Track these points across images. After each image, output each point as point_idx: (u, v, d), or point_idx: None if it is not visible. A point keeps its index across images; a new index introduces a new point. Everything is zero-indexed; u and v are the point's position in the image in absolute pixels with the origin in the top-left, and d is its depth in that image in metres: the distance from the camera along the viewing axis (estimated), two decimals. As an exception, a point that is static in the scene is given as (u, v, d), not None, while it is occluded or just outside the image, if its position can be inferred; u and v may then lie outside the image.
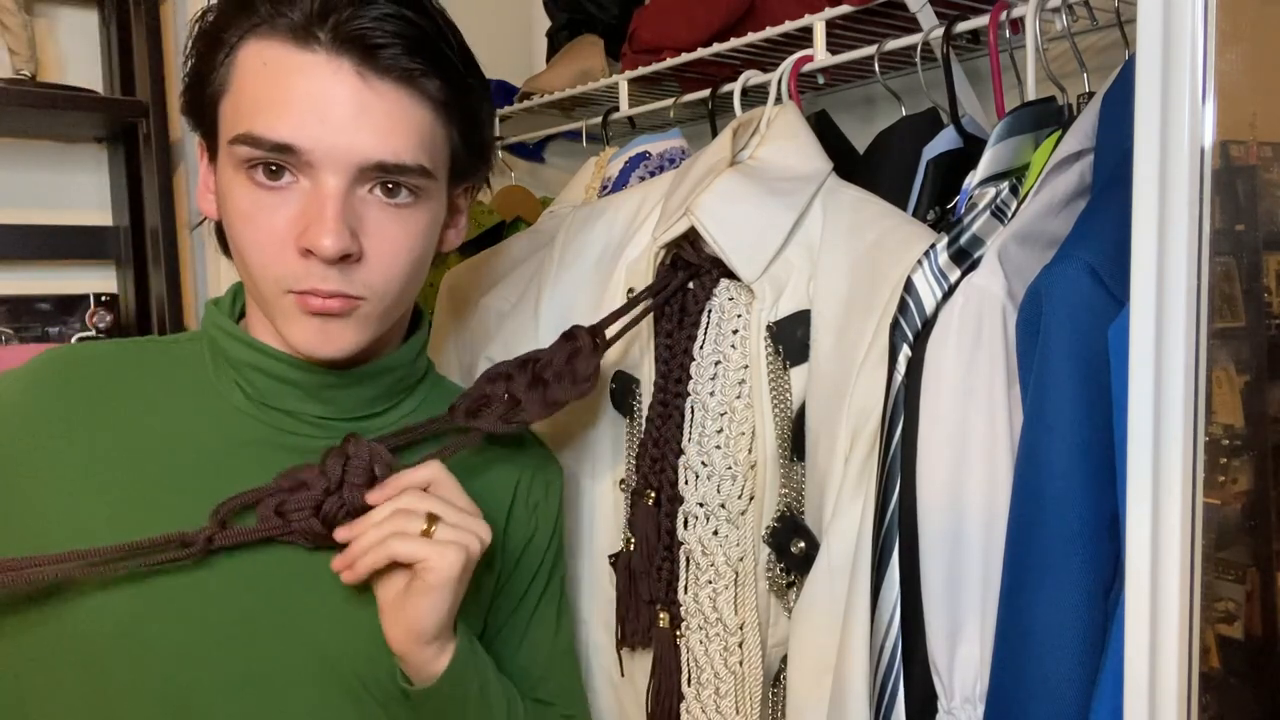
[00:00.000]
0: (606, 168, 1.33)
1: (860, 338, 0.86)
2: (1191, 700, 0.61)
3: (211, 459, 0.74)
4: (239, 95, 0.69)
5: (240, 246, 0.71)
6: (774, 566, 0.93)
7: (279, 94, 0.67)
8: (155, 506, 0.72)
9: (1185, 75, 0.58)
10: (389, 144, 0.69)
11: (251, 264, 0.70)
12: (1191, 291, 0.59)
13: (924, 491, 0.78)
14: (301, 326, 0.71)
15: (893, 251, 0.88)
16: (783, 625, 0.94)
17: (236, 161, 0.69)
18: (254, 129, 0.67)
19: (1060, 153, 0.83)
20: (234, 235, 0.71)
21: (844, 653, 0.81)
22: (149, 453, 0.74)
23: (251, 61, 0.69)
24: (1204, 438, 0.60)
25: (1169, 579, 0.61)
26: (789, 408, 0.92)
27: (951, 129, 1.01)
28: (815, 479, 0.90)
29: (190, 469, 0.74)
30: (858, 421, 0.85)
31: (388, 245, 0.71)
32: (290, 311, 0.70)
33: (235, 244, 0.72)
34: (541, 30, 1.71)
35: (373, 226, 0.70)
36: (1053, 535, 0.71)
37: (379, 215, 0.71)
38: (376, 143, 0.68)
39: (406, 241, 0.72)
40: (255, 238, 0.69)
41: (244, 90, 0.69)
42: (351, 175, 0.68)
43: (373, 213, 0.70)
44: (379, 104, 0.68)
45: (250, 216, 0.69)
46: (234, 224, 0.71)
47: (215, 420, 0.76)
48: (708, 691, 0.95)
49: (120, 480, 0.72)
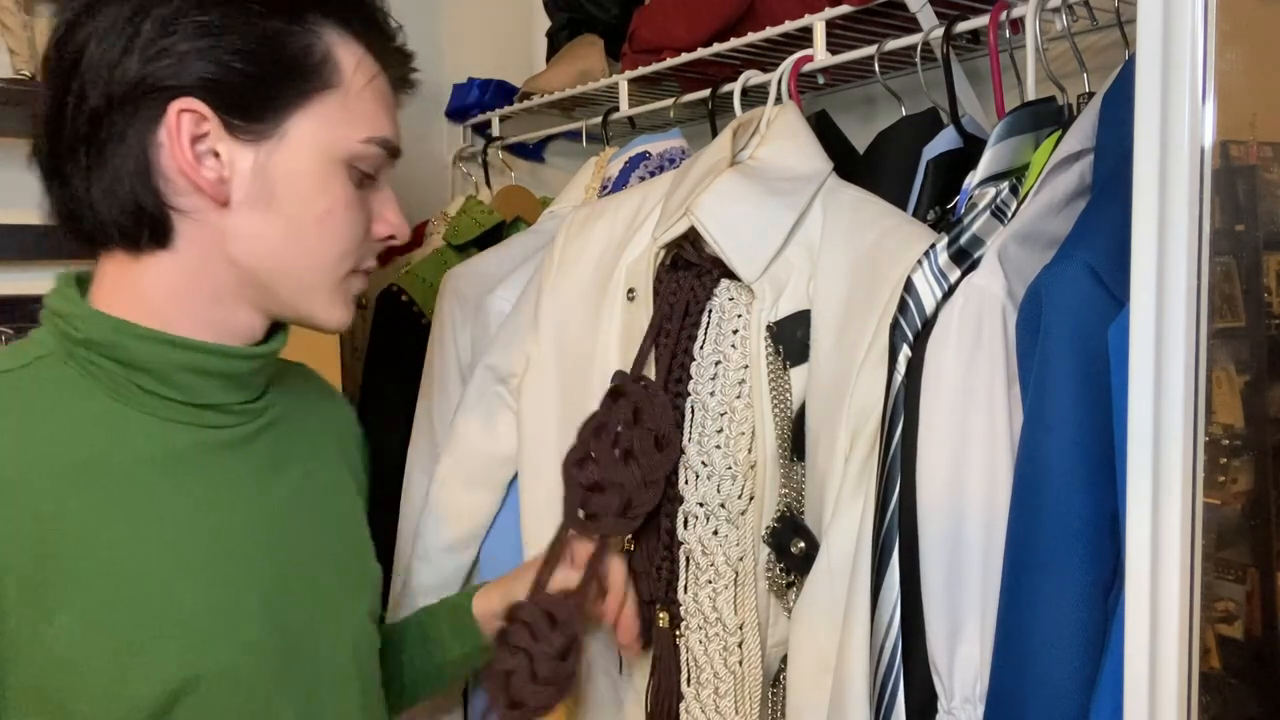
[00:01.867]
0: (606, 168, 1.33)
1: (860, 338, 0.87)
2: (1191, 700, 0.61)
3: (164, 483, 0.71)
4: (358, 103, 0.74)
5: (331, 235, 0.75)
6: (773, 567, 0.92)
7: (389, 102, 0.78)
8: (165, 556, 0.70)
9: (1185, 75, 0.58)
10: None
11: (335, 249, 0.76)
12: (1191, 291, 0.59)
13: (924, 491, 0.78)
14: (349, 304, 0.79)
15: (893, 252, 0.88)
16: (782, 625, 0.94)
17: (350, 160, 0.74)
18: (388, 135, 0.77)
19: (1060, 153, 0.83)
20: (321, 224, 0.74)
21: (844, 653, 0.81)
22: (98, 516, 0.68)
23: (356, 65, 0.74)
24: (1204, 438, 0.60)
25: (1169, 579, 0.61)
26: (789, 408, 0.92)
27: (951, 129, 1.01)
28: (815, 479, 0.90)
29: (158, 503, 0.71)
30: (858, 421, 0.85)
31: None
32: (349, 290, 0.78)
33: (308, 230, 0.74)
34: (541, 30, 1.71)
35: None
36: (1052, 534, 0.71)
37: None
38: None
39: None
40: (349, 227, 0.76)
41: (364, 98, 0.75)
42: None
43: None
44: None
45: (352, 209, 0.76)
46: (329, 212, 0.74)
47: (133, 440, 0.71)
48: (707, 691, 0.95)
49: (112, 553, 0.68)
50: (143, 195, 0.70)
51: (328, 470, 0.86)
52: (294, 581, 0.77)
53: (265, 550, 0.76)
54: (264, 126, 0.71)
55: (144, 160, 0.70)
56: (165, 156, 0.70)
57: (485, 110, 1.69)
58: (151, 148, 0.70)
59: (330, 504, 0.85)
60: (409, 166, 1.69)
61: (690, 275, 0.98)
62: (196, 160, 0.70)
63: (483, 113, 1.69)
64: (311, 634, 0.78)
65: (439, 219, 1.56)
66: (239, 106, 0.70)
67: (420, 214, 1.64)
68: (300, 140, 0.72)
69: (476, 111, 1.70)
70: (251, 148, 0.71)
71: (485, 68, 1.74)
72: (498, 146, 1.66)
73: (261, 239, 0.73)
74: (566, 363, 1.07)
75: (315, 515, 0.82)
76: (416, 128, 1.72)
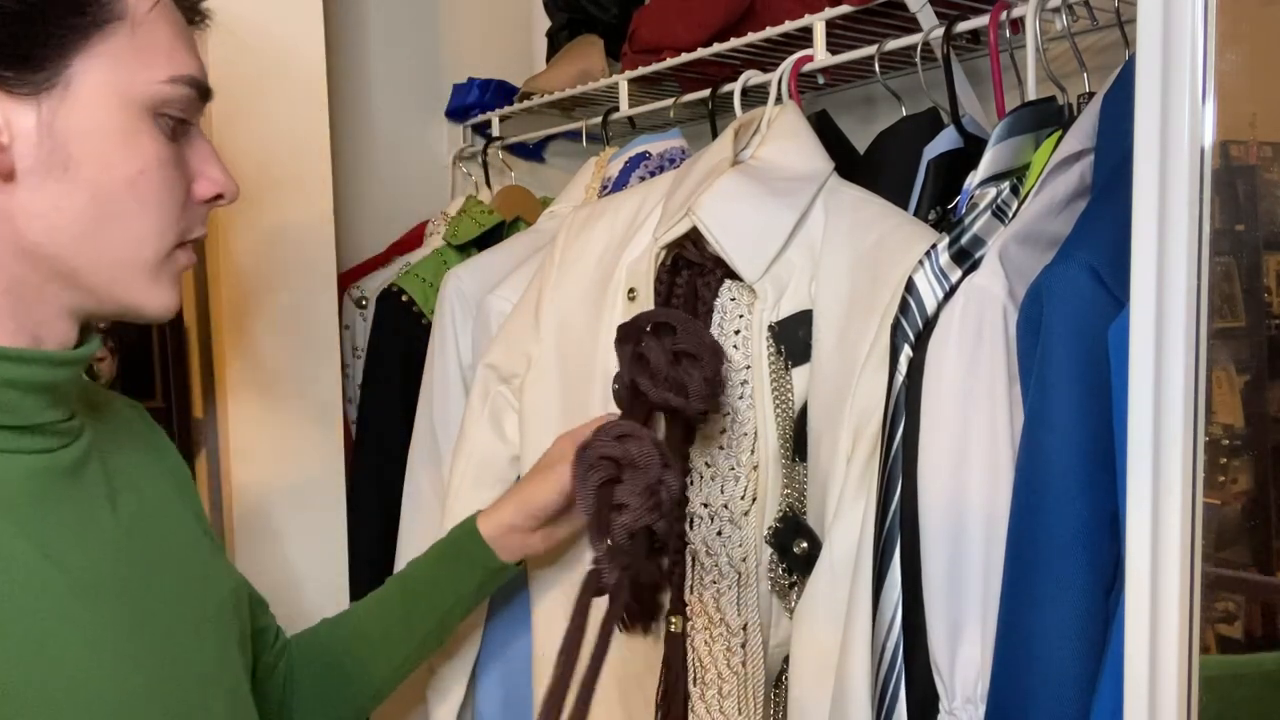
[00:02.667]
0: (606, 168, 1.33)
1: (862, 338, 0.87)
2: (1191, 700, 0.61)
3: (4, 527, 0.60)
4: (144, 31, 0.63)
5: (147, 202, 0.63)
6: (776, 567, 0.93)
7: (184, 31, 0.66)
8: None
9: (1185, 75, 0.58)
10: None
11: (154, 220, 0.64)
12: (1191, 291, 0.59)
13: (925, 491, 0.78)
14: (176, 285, 0.68)
15: (894, 251, 0.88)
16: (784, 626, 0.94)
17: (155, 105, 0.63)
18: (194, 71, 0.65)
19: (1060, 153, 0.83)
20: (133, 189, 0.63)
21: (845, 653, 0.81)
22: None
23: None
24: (1204, 438, 0.60)
25: (1169, 579, 0.61)
26: (791, 408, 0.92)
27: (952, 129, 1.01)
28: (818, 479, 0.90)
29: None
30: (860, 421, 0.85)
31: None
32: (176, 267, 0.67)
33: (130, 200, 0.63)
34: (541, 30, 1.71)
35: None
36: (1054, 534, 0.71)
37: None
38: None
39: None
40: (171, 193, 0.65)
41: (146, 22, 0.63)
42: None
43: None
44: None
45: (166, 165, 0.64)
46: (141, 174, 0.63)
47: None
48: (711, 692, 0.95)
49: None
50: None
51: (155, 484, 0.76)
52: (155, 613, 0.68)
53: (123, 584, 0.66)
54: (42, 75, 0.59)
55: None
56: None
57: (485, 110, 1.69)
58: None
59: (170, 525, 0.75)
60: (409, 166, 1.70)
61: (692, 275, 0.98)
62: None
63: (483, 113, 1.69)
64: (180, 667, 0.68)
65: (439, 219, 1.56)
66: (7, 55, 0.58)
67: (420, 214, 1.64)
68: (90, 88, 0.61)
69: (476, 111, 1.70)
70: (32, 103, 0.59)
71: (485, 68, 1.74)
72: (498, 146, 1.66)
73: (60, 214, 0.61)
74: (568, 363, 1.07)
75: (159, 540, 0.72)
76: (416, 128, 1.72)
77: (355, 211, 1.61)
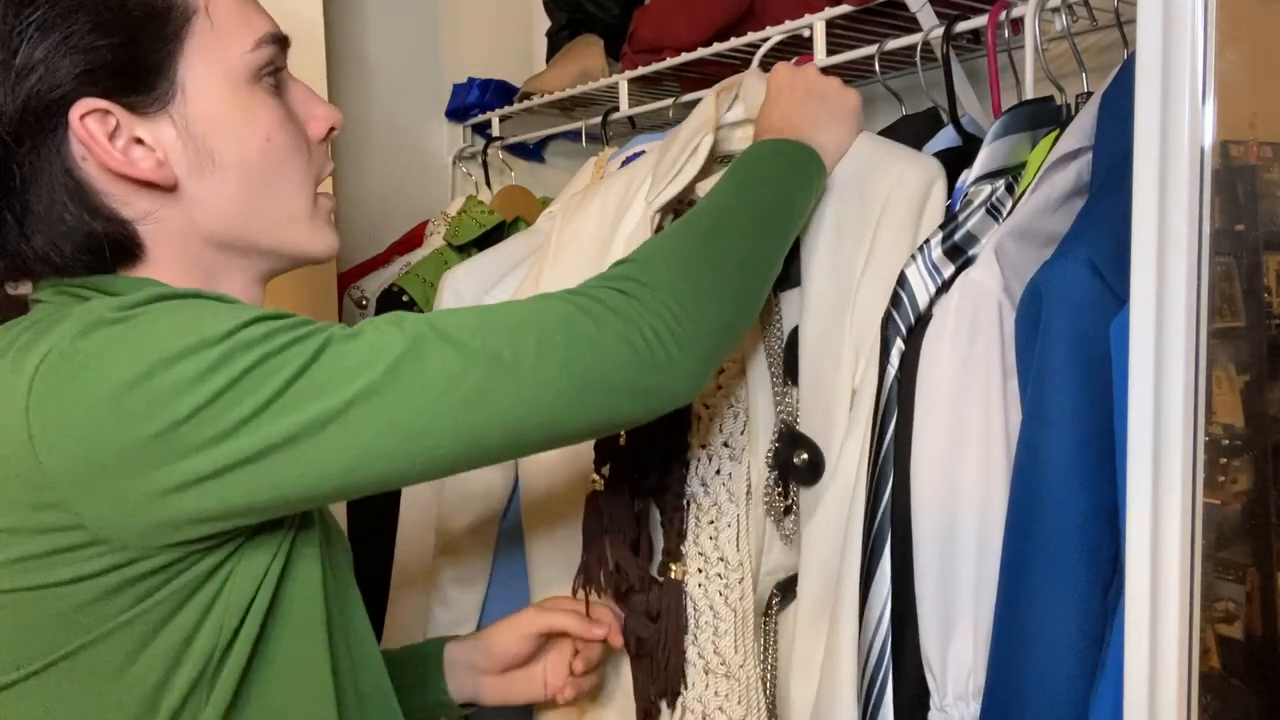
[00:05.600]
0: (605, 167, 1.33)
1: (856, 255, 0.89)
2: (1191, 700, 0.61)
3: None
4: (217, 13, 0.69)
5: (282, 160, 0.71)
6: (772, 491, 0.92)
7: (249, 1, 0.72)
8: None
9: (1185, 75, 0.58)
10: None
11: (294, 172, 0.72)
12: (1191, 291, 0.59)
13: (918, 486, 0.78)
14: (332, 226, 0.76)
15: (875, 168, 0.91)
16: (777, 552, 0.94)
17: (254, 73, 0.70)
18: (269, 28, 0.71)
19: (1058, 150, 0.83)
20: (267, 155, 0.70)
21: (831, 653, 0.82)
22: None
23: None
24: (1204, 438, 0.60)
25: (1169, 579, 0.61)
26: (779, 332, 0.94)
27: (951, 128, 1.01)
28: (818, 401, 0.90)
29: None
30: (860, 336, 0.87)
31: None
32: (324, 211, 0.76)
33: (269, 165, 0.71)
34: (541, 30, 1.71)
35: None
36: (1053, 530, 0.71)
37: None
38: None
39: None
40: (296, 144, 0.72)
41: (217, 7, 0.69)
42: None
43: None
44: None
45: (287, 123, 0.72)
46: (269, 139, 0.70)
47: None
48: (705, 634, 0.95)
49: None
50: (91, 220, 0.66)
51: None
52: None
53: None
54: (161, 89, 0.66)
55: (73, 183, 0.65)
56: (93, 169, 0.65)
57: (485, 110, 1.69)
58: (75, 168, 0.65)
59: None
60: (409, 166, 1.70)
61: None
62: (126, 156, 0.66)
63: (483, 113, 1.69)
64: None
65: (439, 219, 1.56)
66: (128, 83, 0.65)
67: (420, 214, 1.64)
68: (200, 83, 0.68)
69: (476, 111, 1.70)
70: (165, 117, 0.67)
71: (485, 68, 1.74)
72: (498, 146, 1.66)
73: (223, 199, 0.69)
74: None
75: None
76: (416, 128, 1.72)
77: (355, 211, 1.61)
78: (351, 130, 1.59)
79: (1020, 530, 0.74)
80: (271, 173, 0.71)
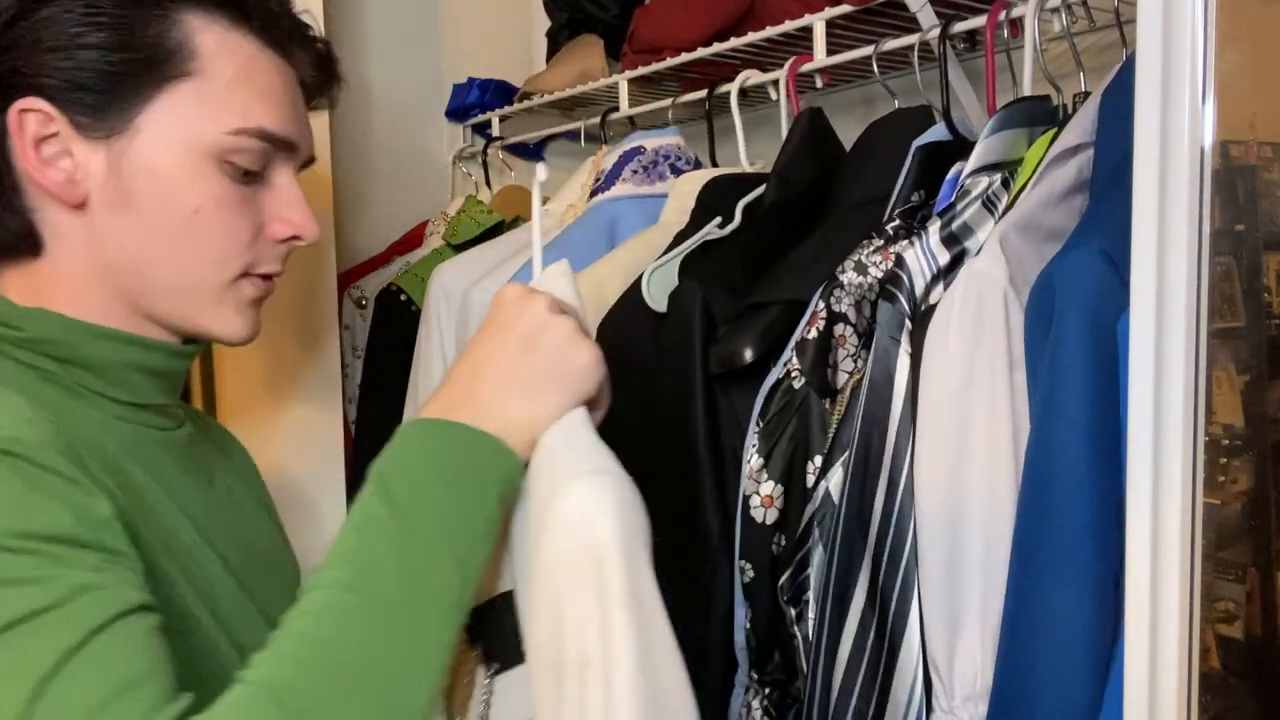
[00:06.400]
0: (601, 162, 1.34)
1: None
2: (1191, 700, 0.61)
3: (140, 471, 0.68)
4: (217, 84, 0.68)
5: (197, 236, 0.69)
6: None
7: (273, 91, 0.71)
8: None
9: (1185, 75, 0.58)
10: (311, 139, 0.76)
11: (210, 252, 0.70)
12: (1191, 291, 0.59)
13: (922, 482, 0.77)
14: (245, 312, 0.73)
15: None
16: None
17: (219, 153, 0.68)
18: (265, 125, 0.70)
19: (1059, 146, 0.83)
20: (190, 225, 0.69)
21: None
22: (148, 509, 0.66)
23: (220, 50, 0.69)
24: (1204, 438, 0.60)
25: (1169, 579, 0.61)
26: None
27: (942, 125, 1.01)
28: None
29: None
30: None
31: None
32: (242, 297, 0.73)
33: (178, 233, 0.69)
34: (541, 30, 1.71)
35: None
36: (1065, 527, 0.70)
37: None
38: (311, 139, 0.76)
39: None
40: (225, 227, 0.70)
41: (224, 80, 0.68)
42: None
43: None
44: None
45: (228, 207, 0.70)
46: (197, 212, 0.68)
47: (100, 429, 0.67)
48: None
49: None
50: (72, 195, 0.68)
51: (240, 484, 0.84)
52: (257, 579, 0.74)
53: (234, 548, 0.73)
54: (111, 123, 0.67)
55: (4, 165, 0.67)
56: (15, 160, 0.67)
57: (485, 110, 1.69)
58: (6, 154, 0.67)
59: (249, 512, 0.82)
60: (409, 166, 1.70)
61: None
62: (42, 163, 0.66)
63: (483, 113, 1.69)
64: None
65: (439, 219, 1.56)
66: (86, 104, 0.66)
67: (420, 214, 1.64)
68: (154, 135, 0.67)
69: (476, 111, 1.70)
70: (103, 145, 0.67)
71: (485, 68, 1.74)
72: (498, 146, 1.66)
73: (127, 241, 0.69)
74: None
75: (245, 521, 0.79)
76: (416, 128, 1.72)
77: (355, 211, 1.61)
78: (352, 130, 1.59)
79: (1031, 522, 0.73)
80: (187, 242, 0.69)
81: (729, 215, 1.06)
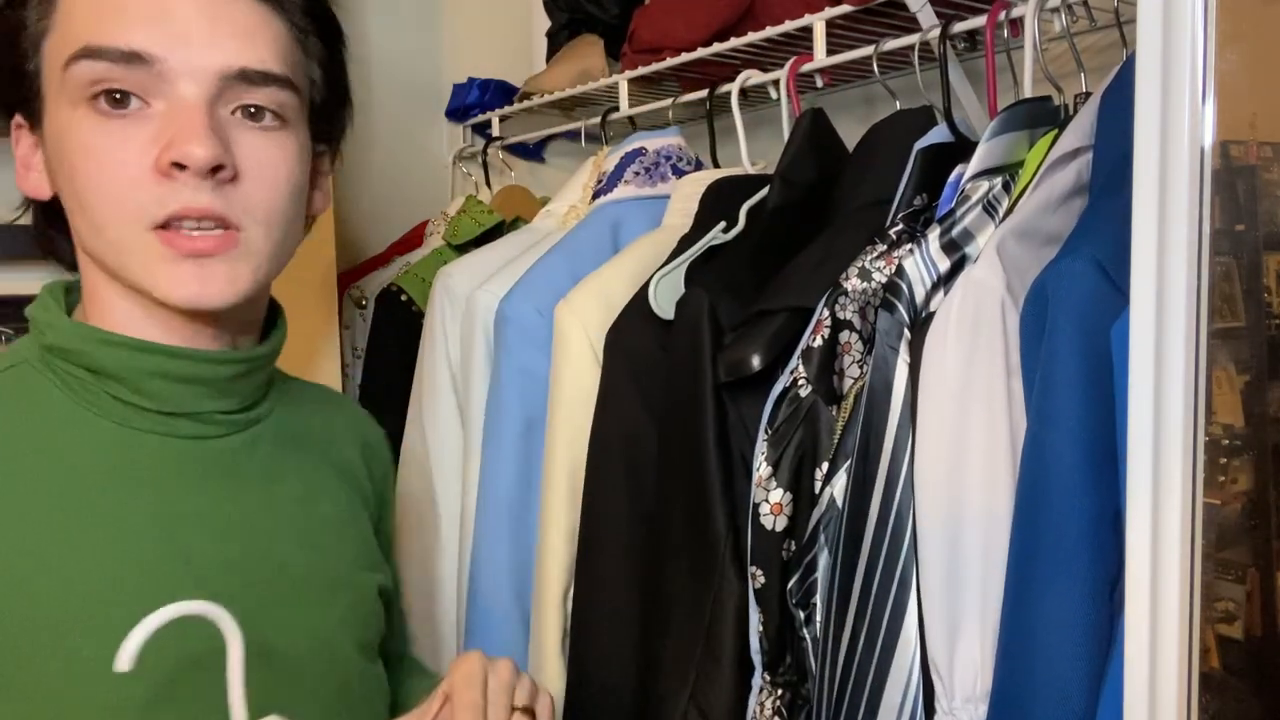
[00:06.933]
0: (602, 164, 1.34)
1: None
2: (1191, 700, 0.61)
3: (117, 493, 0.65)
4: (67, 23, 0.62)
5: (85, 188, 0.62)
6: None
7: (99, 7, 0.62)
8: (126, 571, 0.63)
9: (1185, 75, 0.58)
10: (251, 50, 0.63)
11: (102, 203, 0.62)
12: (1191, 291, 0.59)
13: (922, 488, 0.78)
14: (173, 272, 0.63)
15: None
16: None
17: (76, 91, 0.61)
18: (95, 40, 0.61)
19: (1058, 150, 0.83)
20: (77, 179, 0.62)
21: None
22: (70, 529, 0.62)
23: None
24: (1204, 438, 0.60)
25: (1169, 579, 0.61)
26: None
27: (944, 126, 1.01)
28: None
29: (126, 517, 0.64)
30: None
31: (265, 166, 0.65)
32: (157, 256, 0.62)
33: (78, 190, 0.63)
34: (541, 30, 1.71)
35: (244, 149, 0.64)
36: (1060, 531, 0.71)
37: (248, 137, 0.64)
38: (237, 47, 0.63)
39: (285, 164, 0.66)
40: (104, 169, 0.61)
41: (73, 14, 0.62)
42: (213, 86, 0.62)
43: (240, 134, 0.64)
44: (233, 9, 0.63)
45: (95, 148, 0.61)
46: (76, 165, 0.62)
47: (92, 448, 0.65)
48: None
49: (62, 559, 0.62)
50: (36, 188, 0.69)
51: (327, 487, 0.78)
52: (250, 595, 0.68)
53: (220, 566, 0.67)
54: (33, 105, 0.66)
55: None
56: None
57: (485, 110, 1.69)
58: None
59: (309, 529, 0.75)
60: (409, 166, 1.70)
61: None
62: (23, 168, 0.68)
63: (483, 113, 1.69)
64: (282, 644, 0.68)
65: (439, 219, 1.56)
66: (16, 97, 0.66)
67: (420, 214, 1.64)
68: (52, 105, 0.64)
69: (476, 111, 1.70)
70: (40, 133, 0.66)
71: (485, 68, 1.74)
72: (498, 146, 1.66)
73: (73, 219, 0.66)
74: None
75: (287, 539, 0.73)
76: (416, 128, 1.72)
77: (355, 211, 1.61)
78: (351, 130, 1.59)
79: (1027, 530, 0.73)
80: (82, 200, 0.63)
81: (733, 219, 1.06)
